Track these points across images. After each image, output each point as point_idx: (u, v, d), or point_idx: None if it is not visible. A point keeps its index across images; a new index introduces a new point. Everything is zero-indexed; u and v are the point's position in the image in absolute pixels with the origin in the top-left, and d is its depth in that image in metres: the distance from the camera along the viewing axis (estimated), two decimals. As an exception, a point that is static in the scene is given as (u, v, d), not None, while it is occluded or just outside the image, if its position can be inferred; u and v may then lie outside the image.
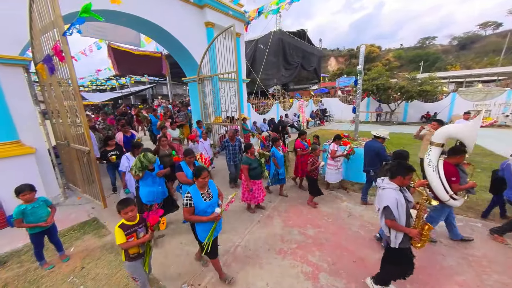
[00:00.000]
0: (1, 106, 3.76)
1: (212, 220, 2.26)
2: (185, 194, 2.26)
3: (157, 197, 3.17)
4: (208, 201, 2.29)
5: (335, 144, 4.50)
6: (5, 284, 2.62)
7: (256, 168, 3.77)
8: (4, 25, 3.69)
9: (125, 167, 3.72)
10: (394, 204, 2.01)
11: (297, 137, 4.97)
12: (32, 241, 2.74)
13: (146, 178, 3.04)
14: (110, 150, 4.48)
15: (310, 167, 3.99)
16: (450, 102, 12.64)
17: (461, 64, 40.09)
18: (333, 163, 4.53)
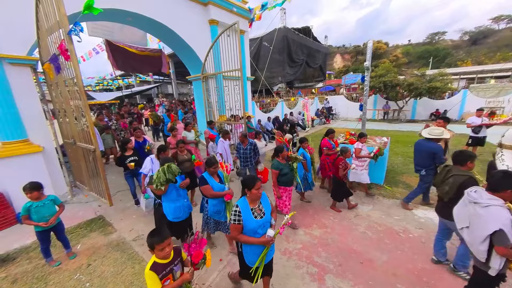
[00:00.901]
0: (10, 105, 3.84)
1: (264, 244, 1.88)
2: (234, 207, 1.90)
3: (184, 211, 2.81)
4: (260, 219, 1.90)
5: (360, 143, 4.22)
6: (14, 280, 2.68)
7: (287, 174, 3.36)
8: (12, 26, 3.75)
9: (148, 169, 3.43)
10: (509, 226, 1.58)
11: (324, 136, 4.66)
12: (38, 238, 2.78)
13: (170, 192, 2.67)
14: (128, 156, 3.94)
15: (343, 171, 3.72)
16: (461, 99, 12.23)
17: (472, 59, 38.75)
18: (358, 163, 4.21)
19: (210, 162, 2.77)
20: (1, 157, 3.73)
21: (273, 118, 10.89)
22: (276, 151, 3.47)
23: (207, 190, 2.69)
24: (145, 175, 3.46)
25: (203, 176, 2.76)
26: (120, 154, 3.99)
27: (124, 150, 3.98)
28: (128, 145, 3.95)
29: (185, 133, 5.42)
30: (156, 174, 2.48)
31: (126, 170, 3.97)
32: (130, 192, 4.34)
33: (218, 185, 2.74)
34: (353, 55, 58.10)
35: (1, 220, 3.71)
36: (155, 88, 23.13)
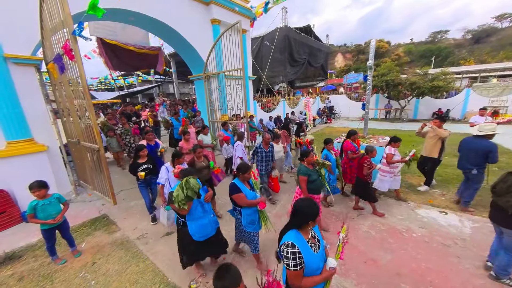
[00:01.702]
0: (15, 105, 3.87)
1: (329, 279, 1.56)
2: (286, 248, 1.43)
3: (212, 227, 2.49)
4: (318, 251, 1.53)
5: (392, 147, 3.86)
6: (21, 277, 2.71)
7: (315, 181, 3.06)
8: (16, 26, 3.77)
9: (164, 179, 3.17)
10: None
11: (346, 137, 4.28)
12: (43, 236, 2.81)
13: (195, 209, 2.33)
14: (141, 163, 3.54)
15: (367, 170, 3.54)
16: (464, 98, 12.16)
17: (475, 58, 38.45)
18: (388, 169, 3.87)
19: (244, 168, 2.50)
20: (6, 156, 3.77)
21: (274, 118, 10.88)
22: (301, 155, 3.20)
23: (241, 199, 2.42)
24: (162, 185, 3.19)
25: (235, 183, 2.49)
26: (133, 161, 3.61)
27: (137, 157, 3.60)
28: (141, 153, 3.55)
29: (201, 137, 5.13)
30: (176, 192, 2.16)
31: (139, 179, 3.57)
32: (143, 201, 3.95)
33: (250, 192, 2.50)
34: (354, 54, 57.88)
35: (6, 218, 3.75)
36: (156, 87, 23.17)
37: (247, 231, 2.54)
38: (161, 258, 2.96)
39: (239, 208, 2.52)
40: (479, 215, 3.60)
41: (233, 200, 2.49)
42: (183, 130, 5.12)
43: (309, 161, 3.11)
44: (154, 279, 2.63)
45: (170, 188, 3.06)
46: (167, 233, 3.49)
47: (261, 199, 2.52)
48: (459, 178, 5.00)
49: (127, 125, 6.43)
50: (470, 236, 3.15)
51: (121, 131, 6.24)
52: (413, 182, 4.87)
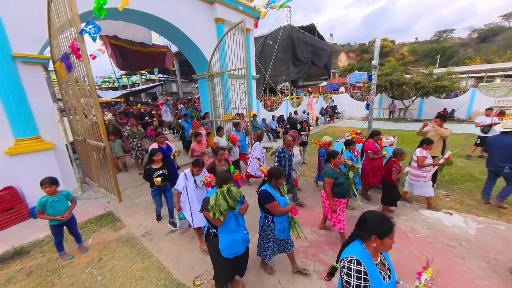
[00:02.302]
0: (23, 103, 3.93)
1: None
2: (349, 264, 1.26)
3: (243, 245, 2.21)
4: (388, 281, 1.31)
5: (423, 150, 3.64)
6: (29, 272, 2.77)
7: (342, 184, 2.90)
8: (24, 25, 3.83)
9: (182, 187, 2.95)
10: None
11: (368, 137, 4.15)
12: (52, 232, 2.87)
13: (228, 221, 2.07)
14: (156, 169, 3.34)
15: (396, 175, 3.36)
16: (469, 98, 12.01)
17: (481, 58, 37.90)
18: (419, 173, 3.68)
19: (278, 173, 2.32)
20: (15, 153, 3.84)
21: (277, 117, 10.88)
22: (328, 156, 3.02)
23: (275, 207, 2.26)
24: (179, 193, 3.00)
25: (267, 191, 2.32)
26: (148, 166, 3.40)
27: (151, 162, 3.40)
28: (155, 157, 3.34)
29: (217, 139, 4.90)
30: (214, 199, 1.92)
31: (153, 186, 3.37)
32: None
33: (281, 198, 2.36)
34: (358, 54, 57.42)
35: (15, 214, 3.83)
36: (159, 86, 23.30)
37: (278, 239, 2.44)
38: (165, 255, 3.00)
39: (271, 217, 2.36)
40: (484, 216, 3.57)
41: (266, 209, 2.32)
42: (194, 132, 4.87)
43: (336, 163, 2.94)
44: (159, 275, 2.67)
45: (187, 196, 2.95)
46: (172, 230, 3.53)
47: (292, 205, 2.39)
48: (463, 179, 4.97)
49: (135, 127, 5.88)
50: (475, 237, 3.13)
51: (128, 133, 5.74)
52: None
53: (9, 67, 3.72)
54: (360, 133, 5.54)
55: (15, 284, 2.60)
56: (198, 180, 2.92)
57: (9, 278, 2.69)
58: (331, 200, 2.92)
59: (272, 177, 2.33)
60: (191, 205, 2.94)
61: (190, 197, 2.93)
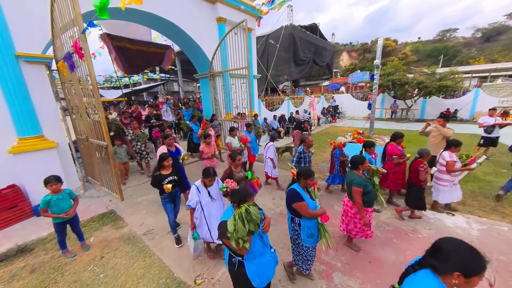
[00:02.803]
0: (27, 102, 3.96)
1: None
2: None
3: (272, 266, 1.91)
4: None
5: (452, 153, 3.37)
6: (32, 269, 2.80)
7: (370, 192, 2.65)
8: (27, 25, 3.86)
9: (194, 202, 2.60)
10: None
11: (390, 140, 3.88)
12: (55, 230, 2.90)
13: (254, 244, 1.73)
14: (166, 175, 3.03)
15: (425, 175, 3.18)
16: (473, 98, 11.91)
17: (485, 57, 37.53)
18: (447, 177, 3.43)
19: (307, 173, 2.18)
20: (18, 152, 3.88)
21: (279, 117, 10.87)
22: (354, 162, 2.74)
23: (305, 208, 2.12)
24: (193, 209, 2.64)
25: (296, 190, 2.19)
26: (157, 172, 3.08)
27: (160, 168, 3.07)
28: (165, 163, 3.02)
29: (229, 139, 4.67)
30: (232, 224, 1.59)
31: (164, 193, 3.04)
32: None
33: (311, 201, 2.20)
34: (360, 53, 57.13)
35: (18, 212, 3.87)
36: (161, 86, 23.37)
37: (305, 246, 2.27)
38: (167, 253, 3.02)
39: (298, 219, 2.21)
40: (487, 217, 3.55)
41: (293, 209, 2.18)
42: (204, 133, 4.61)
43: (364, 169, 2.70)
44: (160, 274, 2.68)
45: (202, 212, 2.64)
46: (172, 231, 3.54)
47: (323, 210, 2.20)
48: (466, 179, 4.93)
49: (138, 130, 5.49)
50: (478, 238, 3.11)
51: (132, 136, 5.36)
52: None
53: (13, 67, 3.75)
54: (362, 133, 5.51)
55: (19, 281, 2.63)
56: (213, 192, 2.66)
57: (12, 275, 2.72)
58: (363, 212, 2.60)
59: (301, 177, 2.20)
60: (207, 220, 2.65)
61: (206, 212, 2.65)
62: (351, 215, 2.80)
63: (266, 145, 4.72)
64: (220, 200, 2.74)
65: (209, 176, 2.60)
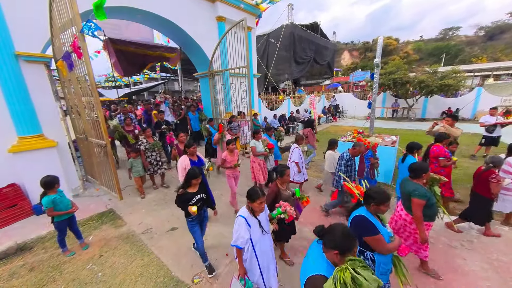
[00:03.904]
0: (26, 102, 3.97)
1: None
2: None
3: None
4: None
5: None
6: (31, 268, 2.81)
7: (433, 205, 2.30)
8: (26, 24, 3.86)
9: (244, 241, 1.92)
10: None
11: (435, 141, 3.54)
12: (58, 229, 2.93)
13: None
14: (193, 194, 2.52)
15: (497, 188, 2.80)
16: (475, 97, 11.82)
17: (488, 56, 37.22)
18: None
19: (381, 197, 1.71)
20: (18, 151, 3.89)
21: (279, 116, 10.85)
22: (416, 170, 2.32)
23: (381, 243, 1.67)
24: (240, 250, 1.99)
25: (366, 218, 1.73)
26: (182, 190, 2.55)
27: (187, 185, 2.54)
28: (194, 181, 2.50)
29: (253, 143, 4.19)
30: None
31: (190, 215, 2.53)
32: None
33: (384, 230, 1.74)
34: (361, 52, 56.83)
35: (18, 211, 3.89)
36: (161, 85, 23.39)
37: None
38: (165, 252, 3.02)
39: (370, 253, 1.76)
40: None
41: (366, 242, 1.73)
42: (221, 138, 4.09)
43: (427, 177, 2.35)
44: (158, 272, 2.69)
45: (252, 252, 1.96)
46: (172, 228, 3.55)
47: (399, 240, 1.77)
48: (467, 179, 4.89)
49: (151, 138, 4.80)
50: (477, 238, 3.08)
51: (146, 146, 4.64)
52: (420, 182, 4.78)
53: (12, 66, 3.76)
54: (361, 132, 5.47)
55: (18, 279, 2.65)
56: (263, 221, 2.02)
57: (12, 273, 2.74)
58: (423, 227, 2.24)
59: (373, 201, 1.72)
60: (259, 260, 1.99)
61: (258, 250, 1.98)
62: (410, 230, 2.41)
63: (290, 147, 4.40)
64: (269, 230, 2.12)
65: (258, 197, 1.89)
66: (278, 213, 2.08)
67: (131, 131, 5.55)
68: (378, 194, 1.74)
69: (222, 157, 3.75)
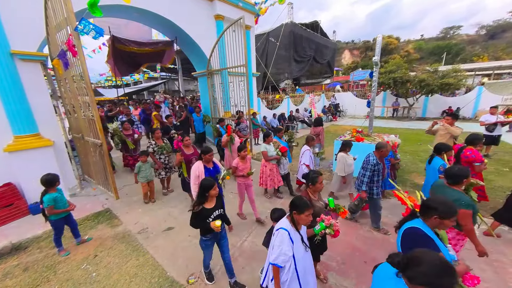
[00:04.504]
0: (22, 100, 3.95)
1: None
2: None
3: None
4: None
5: None
6: (26, 268, 2.79)
7: (475, 214, 2.09)
8: (22, 22, 3.83)
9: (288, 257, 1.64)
10: None
11: (467, 144, 3.23)
12: (55, 227, 2.92)
13: None
14: (211, 209, 2.16)
15: None
16: (475, 96, 11.74)
17: (489, 55, 37.02)
18: None
19: (446, 209, 1.43)
20: (14, 150, 3.87)
21: (278, 115, 10.81)
22: (456, 175, 2.04)
23: None
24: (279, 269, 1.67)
25: (422, 232, 1.45)
26: (198, 207, 2.11)
27: (203, 200, 2.13)
28: (212, 192, 2.11)
29: (264, 147, 3.93)
30: None
31: (207, 233, 2.19)
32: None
33: (445, 249, 1.46)
34: (362, 51, 56.63)
35: (14, 210, 3.87)
36: (162, 84, 23.37)
37: None
38: (161, 252, 3.00)
39: None
40: (487, 217, 3.46)
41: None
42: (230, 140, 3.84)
43: (468, 182, 2.10)
44: (153, 272, 2.66)
45: (294, 271, 1.67)
46: (168, 228, 3.52)
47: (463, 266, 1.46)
48: (467, 178, 4.85)
49: (160, 140, 4.48)
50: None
51: (154, 148, 4.33)
52: (419, 182, 4.74)
53: (7, 64, 3.73)
54: (360, 131, 5.44)
55: (12, 279, 2.63)
56: (305, 236, 1.77)
57: (5, 273, 2.72)
58: (477, 239, 1.98)
59: (436, 214, 1.43)
60: (301, 281, 1.70)
61: (301, 269, 1.70)
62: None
63: (301, 149, 4.16)
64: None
65: (307, 208, 1.64)
66: (321, 228, 1.78)
67: (130, 135, 5.28)
68: (444, 205, 1.43)
69: (233, 164, 3.42)
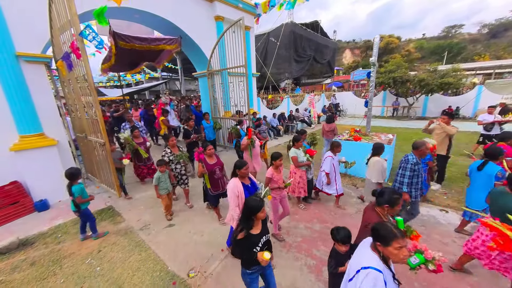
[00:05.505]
0: (27, 101, 4.06)
1: None
2: None
3: None
4: None
5: None
6: (33, 262, 2.90)
7: None
8: (27, 25, 3.94)
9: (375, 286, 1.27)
10: None
11: (499, 140, 3.02)
12: (86, 214, 3.22)
13: None
14: (258, 235, 1.81)
15: None
16: (475, 96, 11.76)
17: (491, 54, 36.85)
18: None
19: None
20: (19, 149, 3.98)
21: (278, 115, 10.88)
22: None
23: None
24: None
25: None
26: (243, 234, 1.74)
27: (250, 224, 1.78)
28: (260, 214, 1.77)
29: (294, 152, 3.55)
30: None
31: (252, 265, 1.81)
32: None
33: None
34: (363, 50, 56.42)
35: (20, 208, 3.98)
36: (163, 84, 23.50)
37: None
38: (162, 248, 3.09)
39: None
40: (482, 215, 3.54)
41: None
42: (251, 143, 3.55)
43: None
44: (155, 267, 2.76)
45: None
46: (169, 224, 3.62)
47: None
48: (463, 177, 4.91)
49: (176, 148, 4.06)
50: (470, 235, 3.11)
51: (170, 157, 3.88)
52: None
53: (13, 66, 3.84)
54: (359, 130, 5.51)
55: (19, 273, 2.74)
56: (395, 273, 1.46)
57: (14, 267, 2.83)
58: None
59: None
60: None
61: None
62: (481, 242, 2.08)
63: (323, 155, 3.93)
64: None
65: (396, 238, 1.29)
66: (421, 261, 1.42)
67: (142, 143, 4.79)
68: None
69: (267, 175, 2.97)
